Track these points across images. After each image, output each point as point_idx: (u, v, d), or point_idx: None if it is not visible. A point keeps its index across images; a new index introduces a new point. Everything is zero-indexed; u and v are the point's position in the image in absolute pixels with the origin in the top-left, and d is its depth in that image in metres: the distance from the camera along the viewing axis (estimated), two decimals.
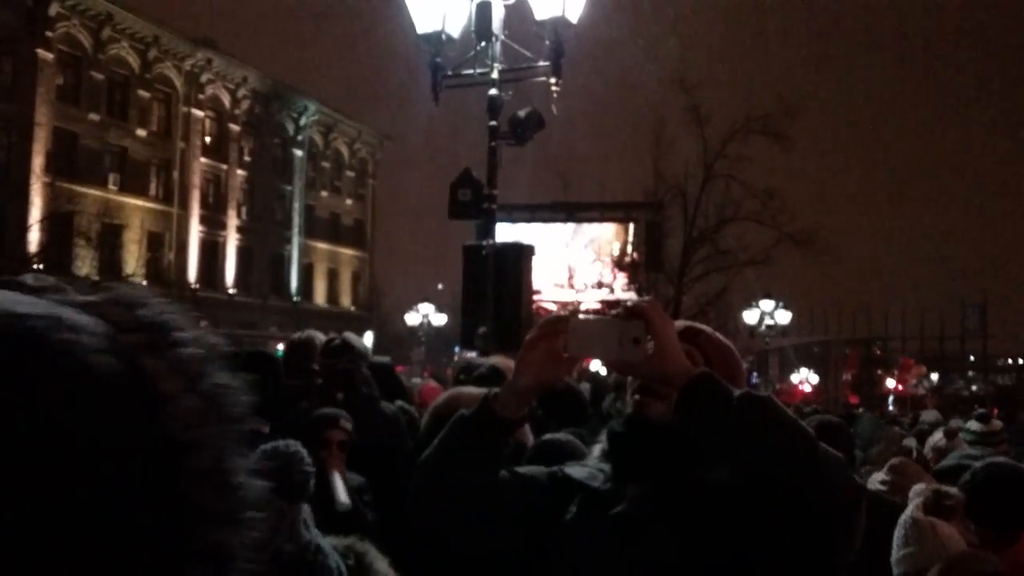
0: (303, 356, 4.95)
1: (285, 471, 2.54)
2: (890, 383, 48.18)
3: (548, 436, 3.29)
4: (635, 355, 1.56)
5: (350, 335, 4.59)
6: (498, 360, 5.90)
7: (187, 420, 0.53)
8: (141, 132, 36.25)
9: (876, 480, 4.01)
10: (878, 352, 55.14)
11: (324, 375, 4.32)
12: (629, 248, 30.76)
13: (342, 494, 3.32)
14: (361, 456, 3.90)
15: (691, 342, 1.77)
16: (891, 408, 28.14)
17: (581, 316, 1.70)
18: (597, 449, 1.87)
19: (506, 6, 7.92)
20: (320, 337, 4.85)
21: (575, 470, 1.81)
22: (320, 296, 47.37)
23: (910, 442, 6.04)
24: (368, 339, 42.81)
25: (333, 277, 48.43)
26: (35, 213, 30.73)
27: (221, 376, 0.57)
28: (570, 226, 30.99)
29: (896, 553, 2.66)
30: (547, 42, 7.85)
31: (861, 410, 16.27)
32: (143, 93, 36.38)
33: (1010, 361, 67.25)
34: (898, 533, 2.68)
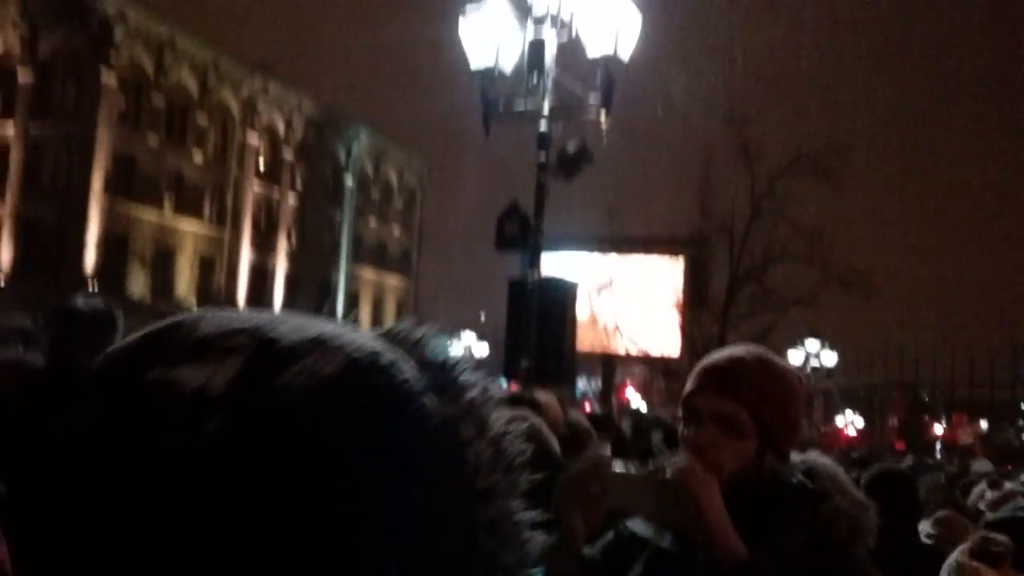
0: None
1: None
2: (938, 429, 47.12)
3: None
4: (674, 512, 1.56)
5: None
6: (540, 395, 5.93)
7: (482, 467, 0.52)
8: (197, 156, 37.09)
9: (923, 533, 3.93)
10: (926, 398, 54.00)
11: None
12: (675, 284, 30.64)
13: None
14: None
15: (733, 396, 1.67)
16: (938, 456, 27.53)
17: (616, 470, 1.68)
18: None
19: (559, 44, 8.02)
20: None
21: (639, 527, 1.77)
22: (364, 323, 47.79)
23: (935, 478, 5.86)
24: None
25: (378, 304, 48.87)
26: (93, 233, 31.50)
27: (502, 422, 0.55)
28: (615, 258, 30.99)
29: None
30: (598, 80, 7.93)
31: (911, 457, 15.94)
32: (201, 117, 37.25)
33: None
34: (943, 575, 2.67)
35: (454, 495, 0.50)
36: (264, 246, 40.61)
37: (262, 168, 40.61)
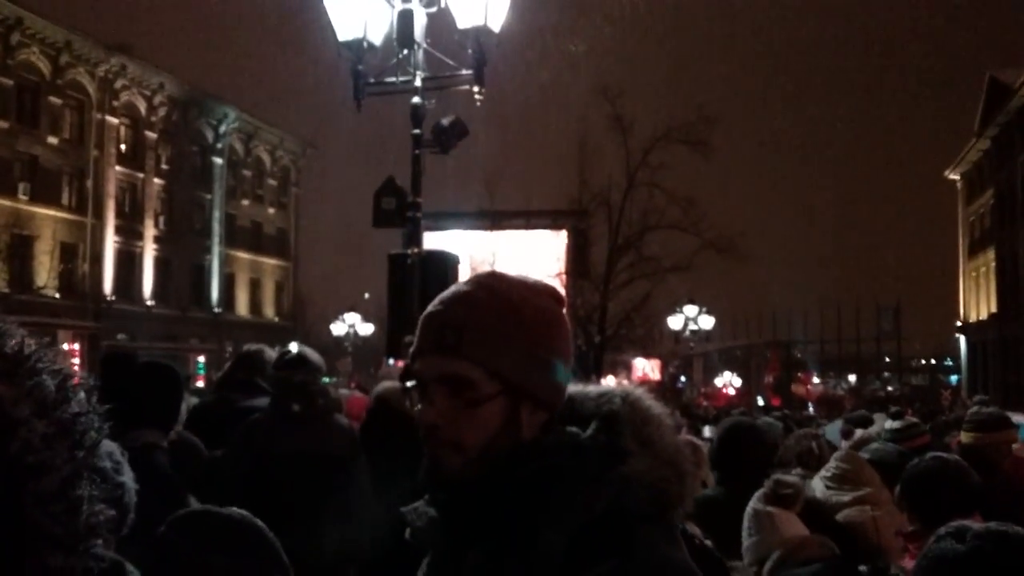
0: (250, 369, 4.94)
1: None
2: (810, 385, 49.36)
3: None
4: None
5: (306, 348, 4.56)
6: None
7: (34, 444, 0.55)
8: (52, 140, 35.00)
9: (822, 478, 3.85)
10: (798, 355, 56.51)
11: (279, 388, 4.28)
12: (558, 256, 30.94)
13: None
14: (316, 467, 3.99)
15: (454, 353, 1.28)
16: (810, 409, 28.80)
17: None
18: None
19: (428, 14, 7.86)
20: (271, 352, 4.90)
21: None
22: (242, 307, 46.45)
23: (806, 429, 6.00)
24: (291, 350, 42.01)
25: (256, 287, 47.54)
26: None
27: (77, 405, 0.59)
28: (496, 234, 31.04)
29: (743, 544, 2.73)
30: (469, 51, 7.81)
31: (785, 412, 16.59)
32: (54, 100, 35.16)
33: (923, 361, 69.74)
34: (744, 525, 2.75)
35: None
36: (130, 231, 38.80)
37: (124, 151, 38.71)
